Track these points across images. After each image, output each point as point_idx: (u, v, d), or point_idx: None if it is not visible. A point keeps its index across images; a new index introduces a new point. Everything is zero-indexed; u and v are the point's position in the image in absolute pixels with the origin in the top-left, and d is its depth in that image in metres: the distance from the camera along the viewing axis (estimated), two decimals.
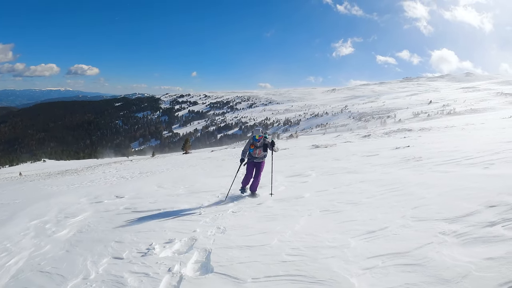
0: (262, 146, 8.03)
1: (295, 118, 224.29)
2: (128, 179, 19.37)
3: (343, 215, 5.20)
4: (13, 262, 4.88)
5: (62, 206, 9.37)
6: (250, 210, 6.44)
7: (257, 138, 7.91)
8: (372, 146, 17.25)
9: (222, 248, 4.49)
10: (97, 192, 12.27)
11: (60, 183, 24.19)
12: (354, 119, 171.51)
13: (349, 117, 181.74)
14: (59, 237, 6.09)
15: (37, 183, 29.17)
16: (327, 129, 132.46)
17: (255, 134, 7.93)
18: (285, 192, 7.79)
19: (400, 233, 4.12)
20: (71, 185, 20.87)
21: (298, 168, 11.66)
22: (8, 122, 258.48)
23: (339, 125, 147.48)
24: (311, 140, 37.89)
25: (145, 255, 4.50)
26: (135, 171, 24.98)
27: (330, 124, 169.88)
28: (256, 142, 7.96)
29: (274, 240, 4.47)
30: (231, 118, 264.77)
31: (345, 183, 7.85)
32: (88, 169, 43.54)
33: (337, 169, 10.23)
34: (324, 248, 3.99)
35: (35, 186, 24.99)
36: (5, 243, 5.98)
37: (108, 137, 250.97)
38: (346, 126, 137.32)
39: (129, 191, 11.19)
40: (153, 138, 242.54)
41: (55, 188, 20.67)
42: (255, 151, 8.04)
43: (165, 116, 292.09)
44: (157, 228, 5.70)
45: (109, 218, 7.25)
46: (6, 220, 8.37)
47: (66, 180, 27.77)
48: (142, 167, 29.07)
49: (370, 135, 29.44)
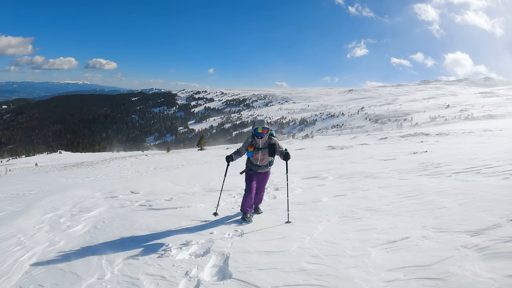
0: (268, 148, 6.01)
1: (311, 118, 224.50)
2: (143, 174, 19.51)
3: (363, 222, 5.10)
4: (26, 257, 4.84)
5: (77, 200, 9.41)
6: (267, 213, 6.34)
7: (259, 132, 5.84)
8: (389, 150, 17.10)
9: (240, 252, 4.39)
10: (112, 186, 12.30)
11: (75, 175, 24.53)
12: (370, 121, 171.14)
13: (366, 118, 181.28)
14: (74, 232, 6.06)
15: (53, 174, 29.67)
16: (343, 130, 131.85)
17: (257, 126, 5.89)
18: (302, 195, 7.64)
19: (421, 244, 4.03)
20: (86, 177, 21.14)
21: (314, 170, 11.54)
22: (26, 113, 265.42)
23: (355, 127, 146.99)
24: (326, 141, 37.80)
25: (161, 257, 4.41)
26: (150, 166, 25.18)
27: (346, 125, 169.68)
28: (258, 139, 5.94)
29: (294, 246, 4.37)
30: (247, 116, 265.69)
31: (363, 188, 7.73)
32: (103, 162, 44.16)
33: (354, 172, 10.10)
34: (344, 257, 3.89)
35: (51, 178, 25.39)
36: (19, 236, 5.97)
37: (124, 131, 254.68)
38: (362, 127, 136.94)
39: (144, 186, 11.19)
40: (169, 134, 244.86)
41: (70, 180, 20.94)
42: (257, 155, 6.04)
43: (181, 112, 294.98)
44: (173, 228, 5.62)
45: (124, 214, 7.21)
46: (20, 212, 8.42)
47: (81, 172, 28.18)
48: (157, 162, 29.29)
49: (387, 138, 29.29)
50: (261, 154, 6.03)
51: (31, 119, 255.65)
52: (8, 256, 4.90)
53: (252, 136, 6.08)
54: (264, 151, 6.00)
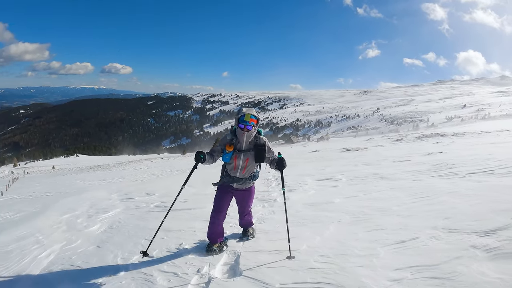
0: (254, 150, 4.36)
1: (326, 119, 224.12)
2: (159, 176, 19.74)
3: (373, 223, 5.13)
4: (44, 255, 5.05)
5: (94, 201, 9.64)
6: (279, 213, 6.41)
7: (245, 120, 4.20)
8: (404, 151, 16.95)
9: (251, 251, 4.49)
10: (128, 188, 12.55)
11: (92, 178, 24.96)
12: (385, 122, 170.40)
13: (381, 120, 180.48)
14: (90, 232, 6.26)
15: (70, 177, 30.23)
16: (358, 131, 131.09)
17: (245, 112, 4.25)
18: (315, 197, 7.68)
19: (430, 244, 4.03)
20: (103, 180, 21.49)
21: (328, 172, 11.55)
22: (43, 117, 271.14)
23: (370, 128, 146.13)
24: (342, 143, 37.55)
25: (174, 255, 4.55)
26: (165, 169, 25.41)
27: (362, 126, 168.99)
28: (242, 132, 4.25)
29: (303, 245, 4.44)
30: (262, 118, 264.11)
31: (375, 189, 7.73)
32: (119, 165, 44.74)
33: (367, 174, 10.06)
34: (352, 257, 3.94)
35: (68, 180, 25.88)
36: (37, 235, 6.20)
37: (140, 135, 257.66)
38: (377, 129, 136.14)
39: (159, 188, 11.38)
40: (184, 137, 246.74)
41: (87, 182, 21.34)
42: (237, 161, 4.36)
43: (196, 115, 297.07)
44: (187, 228, 5.75)
45: (139, 215, 7.40)
46: (38, 213, 8.68)
47: (98, 175, 28.61)
48: (172, 165, 29.54)
49: (402, 139, 29.00)
50: (243, 160, 4.36)
51: (48, 123, 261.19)
52: (26, 254, 5.12)
53: (232, 133, 4.43)
54: (248, 154, 4.36)
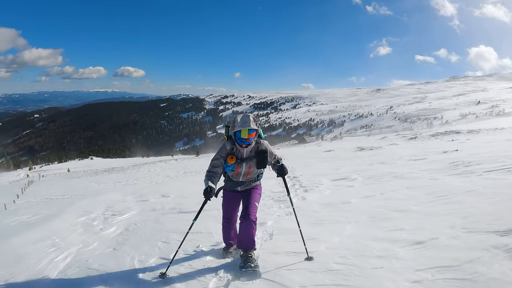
0: (256, 157, 4.22)
1: (340, 119, 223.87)
2: (173, 178, 19.81)
3: (391, 223, 5.03)
4: (61, 258, 5.07)
5: (109, 204, 9.71)
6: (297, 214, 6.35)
7: (243, 138, 4.00)
8: (419, 150, 16.79)
9: (269, 253, 4.44)
10: (143, 190, 12.61)
11: (106, 180, 25.18)
12: (399, 120, 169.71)
13: (395, 118, 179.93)
14: (107, 235, 6.29)
15: (85, 180, 30.57)
16: (372, 130, 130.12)
17: (241, 127, 3.95)
18: (331, 197, 7.60)
19: (450, 244, 3.94)
20: (118, 182, 21.66)
21: (344, 171, 11.46)
22: (57, 121, 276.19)
23: (384, 127, 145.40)
24: (355, 142, 37.37)
25: (192, 257, 4.52)
26: (179, 170, 25.53)
27: (375, 125, 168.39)
28: (241, 147, 4.12)
29: (322, 247, 4.38)
30: (275, 118, 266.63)
31: (392, 189, 7.61)
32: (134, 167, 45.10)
33: (383, 173, 9.94)
34: (372, 258, 3.87)
35: (83, 183, 26.18)
36: (54, 238, 6.25)
37: (153, 137, 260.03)
38: (391, 127, 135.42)
39: (174, 190, 11.42)
40: (198, 138, 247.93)
41: (102, 185, 21.54)
42: (239, 169, 4.26)
43: (209, 116, 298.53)
44: (203, 230, 5.71)
45: (155, 217, 7.40)
46: (55, 215, 8.77)
47: (113, 177, 28.87)
48: (186, 167, 29.65)
49: (417, 137, 28.77)
50: (246, 167, 4.26)
51: (62, 127, 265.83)
52: (43, 257, 5.15)
53: (230, 141, 4.23)
54: (250, 162, 4.23)
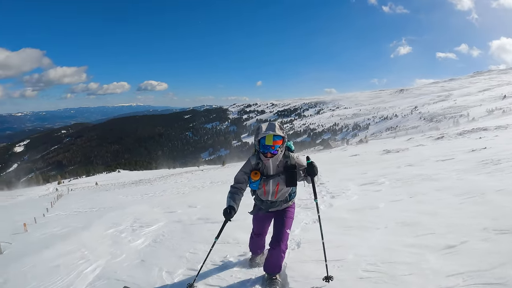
0: (285, 174, 3.70)
1: (364, 122, 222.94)
2: (200, 188, 19.89)
3: (420, 227, 4.89)
4: (90, 270, 5.15)
5: (137, 215, 9.79)
6: (323, 221, 6.24)
7: (269, 144, 3.50)
8: (446, 149, 16.48)
9: (297, 262, 4.38)
10: (170, 201, 12.69)
11: (134, 193, 25.52)
12: (425, 120, 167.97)
13: (420, 118, 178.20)
14: (135, 246, 6.33)
15: (112, 192, 31.10)
16: (397, 132, 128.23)
17: (265, 133, 3.48)
18: (359, 202, 7.47)
19: (481, 247, 3.80)
20: (145, 194, 21.91)
21: (370, 176, 11.31)
22: (84, 136, 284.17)
23: (409, 128, 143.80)
24: (381, 145, 36.96)
25: (219, 267, 4.50)
26: (206, 181, 25.64)
27: (401, 126, 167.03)
28: (265, 157, 3.59)
29: (350, 254, 4.29)
30: (299, 125, 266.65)
31: (420, 191, 7.45)
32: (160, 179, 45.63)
33: (411, 176, 9.78)
34: (401, 264, 3.77)
35: (111, 195, 26.63)
36: (83, 250, 6.36)
37: (179, 148, 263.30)
38: (417, 128, 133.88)
39: (201, 200, 11.43)
40: (223, 148, 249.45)
41: (129, 197, 21.83)
42: (266, 188, 3.80)
43: (233, 126, 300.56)
44: (231, 240, 5.67)
45: (182, 228, 7.40)
46: (84, 228, 8.92)
47: (140, 189, 29.24)
48: (213, 177, 29.77)
49: (443, 136, 28.30)
50: (274, 185, 3.75)
51: (89, 141, 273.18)
52: (73, 269, 5.24)
53: (255, 154, 3.82)
54: (278, 179, 3.71)
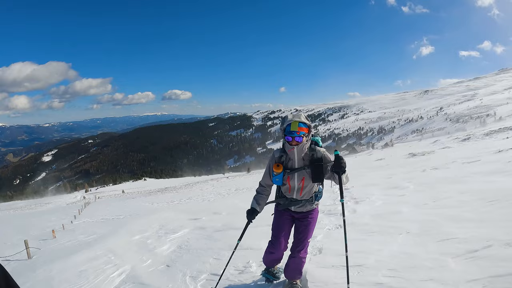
0: (310, 167, 3.42)
1: (389, 125, 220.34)
2: (225, 195, 20.01)
3: (443, 232, 4.81)
4: (116, 274, 5.32)
5: (163, 222, 9.94)
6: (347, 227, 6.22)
7: (293, 131, 3.23)
8: (472, 151, 16.26)
9: (318, 267, 4.39)
10: (195, 208, 12.83)
11: (160, 200, 25.86)
12: (451, 121, 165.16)
13: (446, 119, 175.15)
14: (160, 252, 6.45)
15: (139, 200, 31.57)
16: (423, 134, 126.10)
17: (291, 120, 3.25)
18: (382, 208, 7.39)
19: (504, 252, 3.73)
20: (171, 202, 22.19)
21: (395, 180, 11.21)
22: (110, 146, 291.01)
23: (435, 129, 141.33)
24: (407, 148, 36.55)
25: (242, 273, 4.56)
26: (231, 188, 25.78)
27: (426, 129, 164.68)
28: (292, 146, 3.31)
29: (371, 259, 4.27)
30: (324, 130, 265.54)
31: (444, 195, 7.32)
32: (186, 187, 46.04)
33: (436, 179, 9.68)
34: (421, 270, 3.73)
35: (137, 203, 27.05)
36: (109, 255, 6.54)
37: (204, 156, 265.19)
38: (443, 129, 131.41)
39: (226, 207, 11.52)
40: (248, 155, 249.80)
41: (155, 204, 22.14)
42: (291, 182, 3.50)
43: (258, 133, 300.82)
44: (254, 246, 5.71)
45: (207, 234, 7.48)
46: (110, 234, 9.12)
47: (166, 197, 29.60)
48: (238, 184, 29.90)
49: (470, 137, 27.84)
50: (299, 180, 3.46)
51: (116, 150, 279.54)
52: (99, 273, 5.41)
53: (281, 149, 3.55)
54: (303, 173, 3.44)
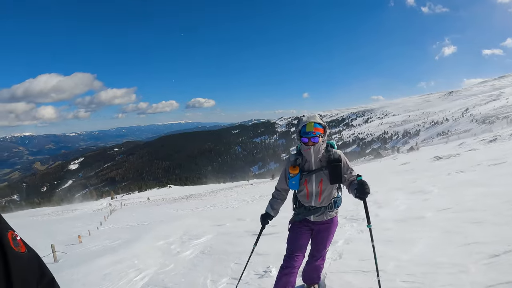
0: (327, 168, 3.22)
1: (414, 128, 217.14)
2: (249, 202, 20.10)
3: (466, 236, 4.72)
4: (139, 278, 5.51)
5: (186, 228, 10.11)
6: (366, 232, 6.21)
7: (309, 132, 3.10)
8: (499, 152, 15.77)
9: (337, 272, 4.41)
10: (219, 215, 12.98)
11: (184, 207, 26.15)
12: (477, 122, 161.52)
13: (472, 120, 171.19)
14: (183, 257, 6.60)
15: (163, 207, 31.99)
16: (449, 137, 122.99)
17: (306, 122, 3.16)
18: (405, 212, 7.29)
19: None
20: (195, 208, 22.42)
21: (419, 184, 11.00)
22: (136, 154, 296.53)
23: (461, 131, 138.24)
24: (432, 151, 35.89)
25: (262, 277, 4.61)
26: (255, 195, 25.83)
27: (452, 131, 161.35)
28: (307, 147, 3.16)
29: (390, 265, 4.25)
30: (348, 135, 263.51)
31: (469, 199, 7.14)
32: (210, 194, 46.36)
33: (460, 182, 9.45)
34: (441, 275, 3.70)
35: (162, 210, 27.43)
36: (133, 260, 6.76)
37: (229, 163, 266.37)
38: (469, 131, 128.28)
39: (249, 214, 11.61)
40: (272, 161, 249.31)
41: (180, 211, 22.42)
42: (308, 184, 3.29)
43: (282, 139, 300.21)
44: (275, 251, 5.76)
45: (230, 240, 7.58)
46: (135, 240, 9.35)
47: (190, 204, 29.89)
48: (262, 191, 29.92)
49: (496, 139, 27.16)
50: (317, 182, 3.26)
51: (141, 158, 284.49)
52: (123, 276, 5.62)
53: (297, 152, 3.42)
54: (321, 174, 3.24)
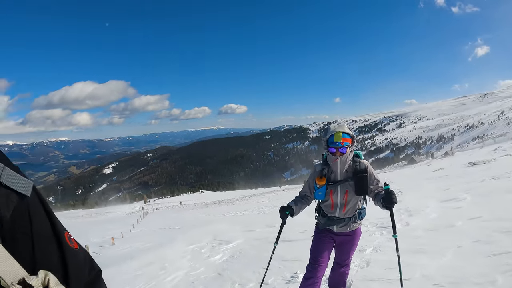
0: (353, 179, 3.28)
1: (449, 133, 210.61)
2: None
3: (496, 246, 4.66)
4: (169, 279, 5.72)
5: (217, 233, 10.27)
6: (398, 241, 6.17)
7: (337, 142, 3.12)
8: None
9: (363, 280, 4.45)
10: (250, 220, 13.09)
11: (216, 212, 26.44)
12: None
13: (508, 124, 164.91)
14: (213, 261, 6.76)
15: (195, 212, 32.41)
16: (484, 141, 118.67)
17: (334, 131, 3.16)
18: (436, 221, 7.22)
19: None
20: (226, 214, 22.63)
21: (452, 191, 10.82)
22: (169, 159, 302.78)
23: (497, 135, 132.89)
24: (467, 157, 34.92)
25: (289, 283, 4.70)
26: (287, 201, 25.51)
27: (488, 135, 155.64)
28: (335, 158, 3.19)
29: (417, 274, 4.26)
30: (381, 140, 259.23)
31: (501, 207, 7.03)
32: (242, 199, 46.59)
33: (494, 189, 9.23)
34: (467, 285, 3.68)
35: (193, 214, 27.81)
36: (164, 262, 7.02)
37: (261, 169, 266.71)
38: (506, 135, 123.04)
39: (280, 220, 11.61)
40: (304, 167, 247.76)
41: (211, 216, 22.70)
42: (333, 195, 3.34)
43: (314, 145, 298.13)
44: (303, 257, 5.77)
45: (259, 245, 7.69)
46: (167, 243, 9.60)
47: (222, 209, 30.16)
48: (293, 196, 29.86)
49: None
50: (342, 193, 3.30)
51: (173, 164, 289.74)
52: (153, 277, 5.87)
53: (323, 162, 3.42)
54: (347, 186, 3.28)
